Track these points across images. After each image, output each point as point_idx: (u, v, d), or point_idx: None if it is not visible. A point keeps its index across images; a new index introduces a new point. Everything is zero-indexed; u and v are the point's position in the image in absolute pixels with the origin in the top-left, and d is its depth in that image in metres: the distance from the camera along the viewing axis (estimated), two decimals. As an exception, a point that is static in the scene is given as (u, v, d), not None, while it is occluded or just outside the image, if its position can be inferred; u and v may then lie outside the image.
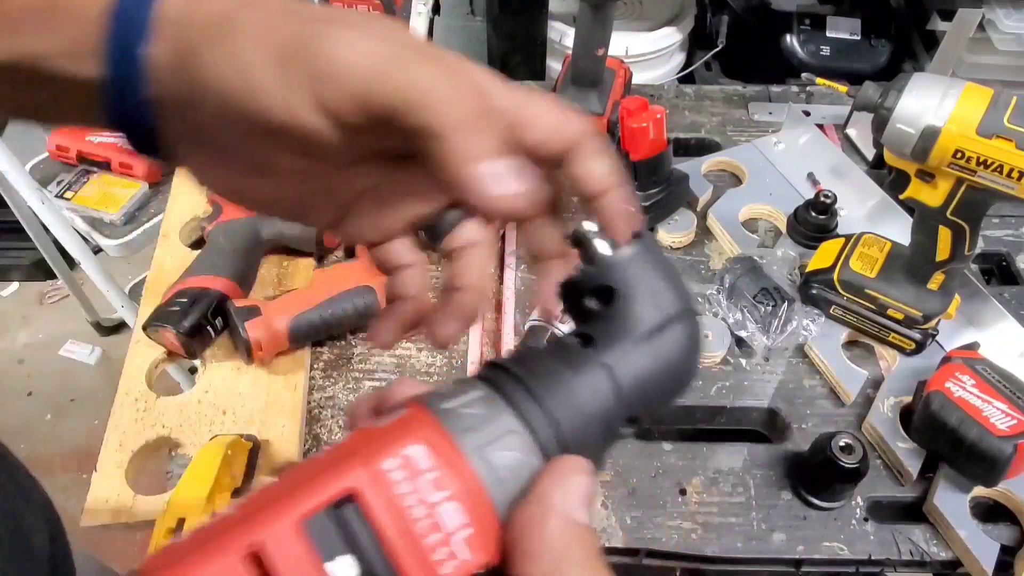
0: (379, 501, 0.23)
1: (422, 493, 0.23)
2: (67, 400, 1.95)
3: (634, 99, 0.87)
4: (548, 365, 0.27)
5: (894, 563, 0.72)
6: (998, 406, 0.69)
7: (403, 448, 0.24)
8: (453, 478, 0.24)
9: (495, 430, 0.25)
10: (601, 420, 0.27)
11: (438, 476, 0.24)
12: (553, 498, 0.24)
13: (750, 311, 0.84)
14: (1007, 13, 1.23)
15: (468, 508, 0.24)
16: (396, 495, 0.23)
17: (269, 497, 0.24)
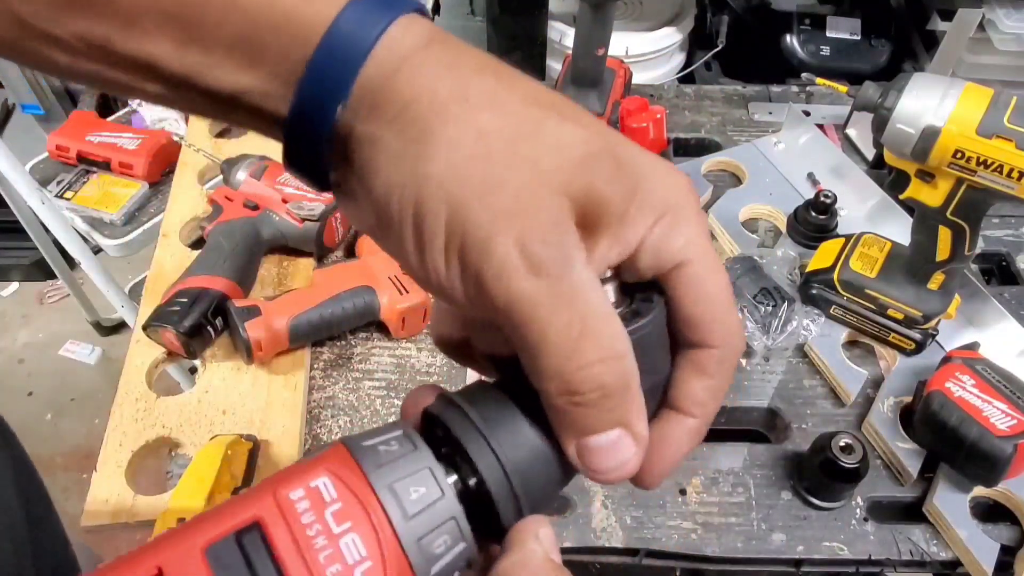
0: (281, 530, 0.23)
1: (325, 524, 0.23)
2: (67, 400, 1.95)
3: (634, 99, 0.87)
4: (501, 405, 0.26)
5: (894, 563, 0.72)
6: (998, 406, 0.69)
7: (310, 480, 0.24)
8: (357, 511, 0.23)
9: (409, 466, 0.24)
10: (548, 463, 0.26)
11: (341, 508, 0.23)
12: (530, 543, 0.25)
13: (750, 311, 0.84)
14: (1007, 13, 1.23)
15: (370, 541, 0.23)
16: (299, 525, 0.23)
17: (186, 524, 0.24)
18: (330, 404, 0.82)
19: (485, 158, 0.24)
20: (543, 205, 0.24)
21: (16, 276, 2.16)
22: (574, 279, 0.24)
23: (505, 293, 0.23)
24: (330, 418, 0.80)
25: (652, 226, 0.26)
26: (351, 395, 0.82)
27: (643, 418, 0.26)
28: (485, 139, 0.24)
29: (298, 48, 0.25)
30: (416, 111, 0.24)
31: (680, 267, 0.26)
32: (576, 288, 0.24)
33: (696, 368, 0.27)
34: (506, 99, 0.25)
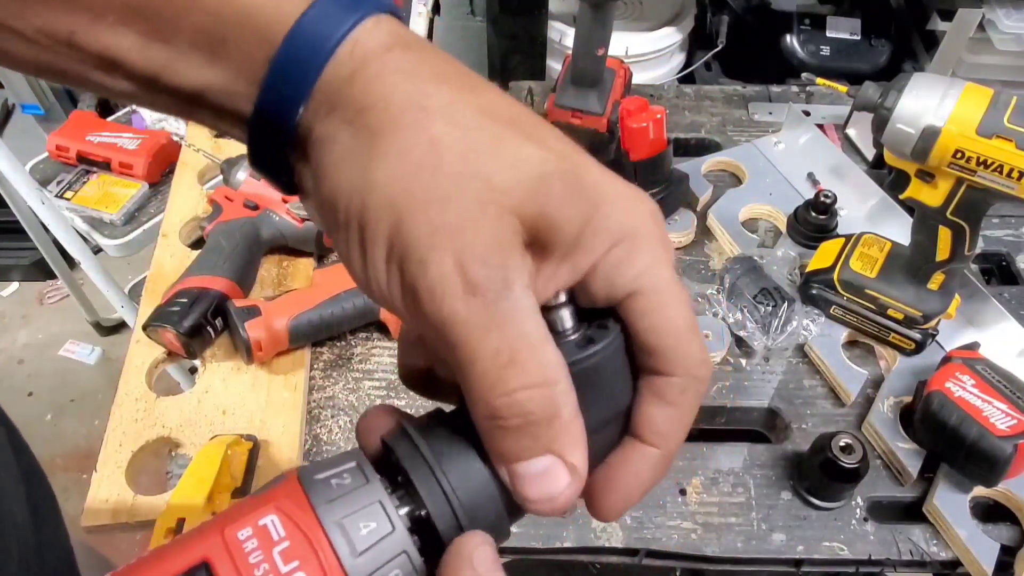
0: (228, 571, 0.23)
1: (273, 564, 0.23)
2: (67, 400, 1.95)
3: (634, 99, 0.87)
4: (453, 436, 0.26)
5: (894, 563, 0.72)
6: (998, 406, 0.69)
7: (259, 518, 0.24)
8: (305, 550, 0.23)
9: (360, 501, 0.24)
10: (496, 496, 0.25)
11: (289, 547, 0.23)
12: (464, 572, 0.24)
13: (750, 311, 0.84)
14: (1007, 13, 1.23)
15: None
16: (247, 565, 0.23)
17: (133, 564, 0.24)
18: (330, 404, 0.82)
19: (434, 169, 0.23)
20: (488, 224, 0.23)
21: (16, 276, 2.16)
22: (510, 303, 0.23)
23: (438, 312, 0.23)
24: (330, 418, 0.80)
25: (606, 252, 0.25)
26: (351, 395, 0.82)
27: (578, 448, 0.24)
28: (437, 150, 0.23)
29: (262, 46, 0.25)
30: (372, 116, 0.24)
31: (634, 296, 0.25)
32: (510, 312, 0.23)
33: (657, 396, 0.26)
34: (464, 110, 0.24)
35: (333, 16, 0.24)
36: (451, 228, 0.23)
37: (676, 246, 0.96)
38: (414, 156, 0.23)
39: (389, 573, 0.24)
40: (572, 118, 1.01)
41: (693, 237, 0.96)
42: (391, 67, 0.24)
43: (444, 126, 0.24)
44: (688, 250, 0.96)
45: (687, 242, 0.96)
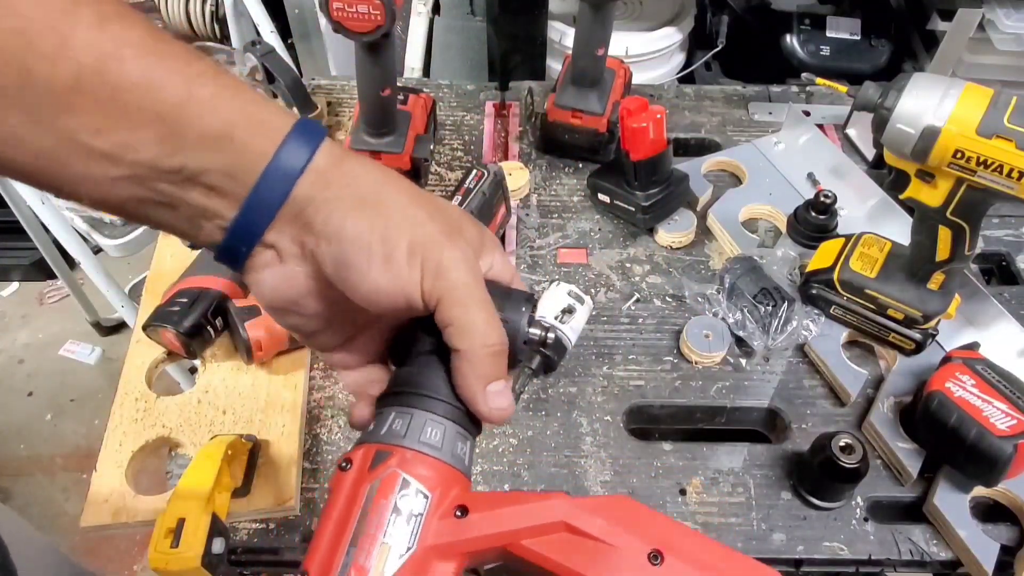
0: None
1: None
2: (67, 400, 1.95)
3: (634, 99, 0.87)
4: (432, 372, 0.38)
5: (894, 563, 0.72)
6: (998, 406, 0.69)
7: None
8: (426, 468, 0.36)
9: (420, 423, 0.37)
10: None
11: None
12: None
13: (750, 311, 0.84)
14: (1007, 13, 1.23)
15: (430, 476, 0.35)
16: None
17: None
18: (330, 404, 0.82)
19: (421, 206, 0.37)
20: (460, 234, 0.38)
21: (16, 276, 2.16)
22: (481, 279, 0.38)
23: (455, 279, 0.36)
24: (330, 418, 0.80)
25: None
26: (351, 395, 0.82)
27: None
28: (414, 196, 0.38)
29: (263, 143, 0.35)
30: (364, 181, 0.36)
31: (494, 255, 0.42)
32: (483, 284, 0.37)
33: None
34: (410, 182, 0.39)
35: (315, 130, 0.36)
36: (447, 234, 0.37)
37: (676, 246, 0.96)
38: (404, 198, 0.37)
39: (458, 446, 0.37)
40: (572, 118, 1.01)
41: (693, 237, 0.96)
42: (359, 159, 0.37)
43: (407, 184, 0.38)
44: (688, 250, 0.96)
45: (687, 242, 0.96)
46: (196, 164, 0.34)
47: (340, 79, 1.20)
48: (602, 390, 0.83)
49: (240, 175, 0.34)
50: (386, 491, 0.34)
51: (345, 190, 0.36)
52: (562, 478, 0.76)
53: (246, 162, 0.34)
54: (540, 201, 1.02)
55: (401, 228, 0.36)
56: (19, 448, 1.84)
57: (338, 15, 0.77)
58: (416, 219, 0.36)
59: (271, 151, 0.34)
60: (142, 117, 0.32)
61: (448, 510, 0.35)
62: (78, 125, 0.31)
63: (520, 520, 0.34)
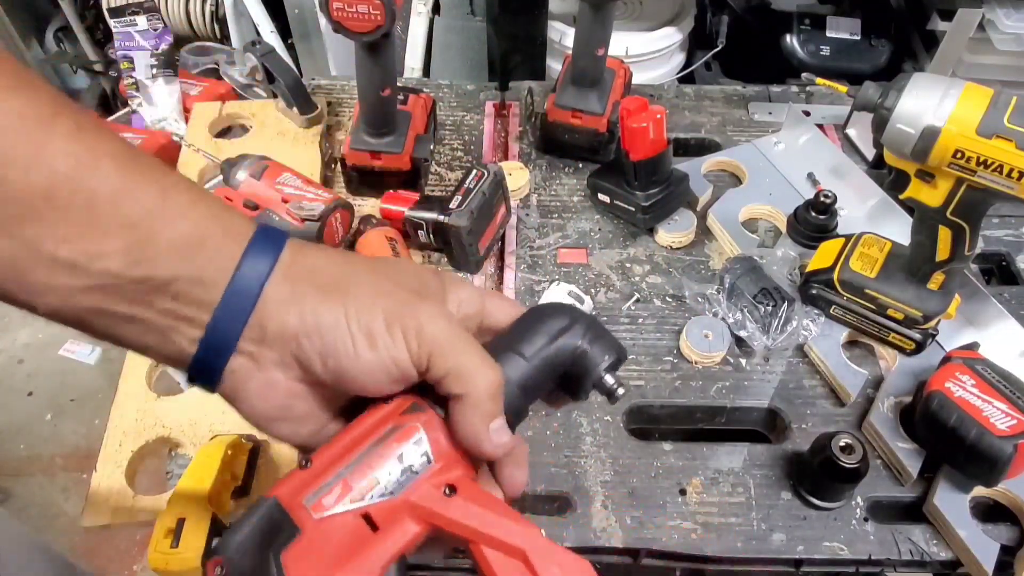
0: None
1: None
2: (67, 400, 1.95)
3: (634, 99, 0.87)
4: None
5: (894, 563, 0.72)
6: (998, 406, 0.69)
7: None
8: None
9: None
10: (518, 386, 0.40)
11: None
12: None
13: (750, 311, 0.84)
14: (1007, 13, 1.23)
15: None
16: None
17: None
18: (330, 404, 0.81)
19: (382, 280, 0.39)
20: (426, 293, 0.40)
21: (16, 276, 2.15)
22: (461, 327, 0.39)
23: (437, 332, 0.37)
24: (330, 418, 0.80)
25: (459, 293, 0.42)
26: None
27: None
28: (374, 271, 0.39)
29: (231, 247, 0.35)
30: (325, 271, 0.37)
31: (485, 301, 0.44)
32: (464, 331, 0.39)
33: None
34: (365, 256, 0.39)
35: (277, 234, 0.37)
36: (416, 296, 0.39)
37: (676, 246, 0.96)
38: (365, 277, 0.39)
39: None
40: (572, 118, 1.01)
41: (693, 237, 0.96)
42: (314, 250, 0.38)
43: (363, 262, 0.40)
44: (688, 250, 0.96)
45: (687, 242, 0.96)
46: (165, 273, 0.33)
47: (340, 79, 1.20)
48: (602, 390, 0.83)
49: (210, 281, 0.34)
50: (401, 438, 0.37)
51: (311, 283, 0.36)
52: (562, 478, 0.76)
53: (216, 267, 0.34)
54: (540, 201, 1.02)
55: (373, 305, 0.37)
56: (19, 448, 1.84)
57: (338, 15, 0.77)
58: (382, 291, 0.37)
59: (239, 254, 0.35)
60: (113, 225, 0.32)
61: (441, 483, 0.37)
62: (44, 233, 0.31)
63: (491, 528, 0.35)
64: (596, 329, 0.42)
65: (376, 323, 0.36)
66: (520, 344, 0.41)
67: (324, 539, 0.35)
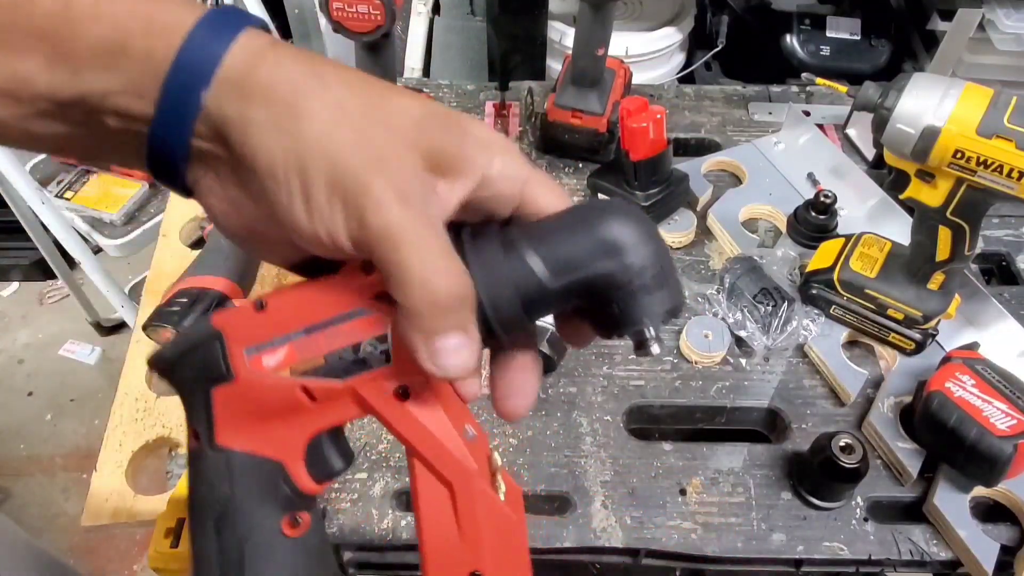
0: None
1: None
2: (67, 400, 1.95)
3: (634, 99, 0.87)
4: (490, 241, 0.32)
5: (894, 563, 0.72)
6: (998, 406, 0.69)
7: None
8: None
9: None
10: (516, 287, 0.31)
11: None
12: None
13: (750, 311, 0.84)
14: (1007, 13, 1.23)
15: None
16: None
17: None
18: (330, 404, 0.81)
19: (349, 123, 0.29)
20: (401, 155, 0.30)
21: (16, 276, 2.16)
22: (432, 212, 0.30)
23: (383, 221, 0.29)
24: (330, 418, 0.80)
25: (490, 161, 0.31)
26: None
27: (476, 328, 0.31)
28: (344, 108, 0.30)
29: (161, 48, 0.29)
30: (281, 92, 0.29)
31: (527, 183, 0.33)
32: (434, 219, 0.30)
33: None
34: (352, 79, 0.31)
35: (222, 25, 0.30)
36: (378, 160, 0.29)
37: (676, 246, 0.96)
38: (329, 116, 0.29)
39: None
40: (572, 118, 1.01)
41: (693, 237, 0.96)
42: (284, 55, 0.30)
43: (342, 91, 0.30)
44: (688, 250, 0.96)
45: (687, 242, 0.96)
46: (97, 87, 0.29)
47: (340, 79, 1.20)
48: (602, 390, 0.83)
49: (146, 92, 0.29)
50: (365, 329, 0.32)
51: (262, 100, 0.29)
52: (562, 478, 0.76)
53: (148, 75, 0.29)
54: (540, 201, 1.02)
55: (320, 156, 0.29)
56: (19, 448, 1.84)
57: (338, 15, 0.77)
58: (340, 142, 0.29)
59: (172, 56, 0.29)
60: (23, 39, 0.28)
61: (395, 383, 0.32)
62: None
63: (429, 448, 0.33)
64: (661, 268, 0.32)
65: (315, 184, 0.29)
66: (545, 248, 0.31)
67: (257, 393, 0.33)
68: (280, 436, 0.34)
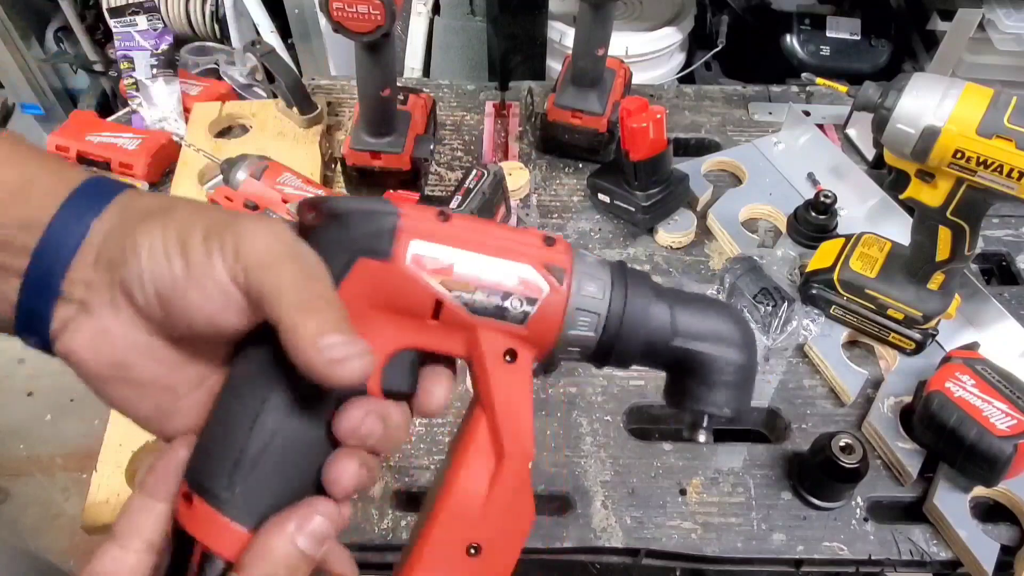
0: None
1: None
2: (67, 400, 1.94)
3: (634, 99, 0.87)
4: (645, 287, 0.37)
5: (894, 563, 0.72)
6: (998, 406, 0.69)
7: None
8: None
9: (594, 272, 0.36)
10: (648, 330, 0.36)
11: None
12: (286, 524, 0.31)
13: (750, 311, 0.84)
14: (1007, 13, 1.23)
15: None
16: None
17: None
18: (330, 404, 0.81)
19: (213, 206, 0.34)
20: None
21: (16, 276, 2.15)
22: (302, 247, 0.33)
23: (258, 246, 0.31)
24: (330, 418, 0.80)
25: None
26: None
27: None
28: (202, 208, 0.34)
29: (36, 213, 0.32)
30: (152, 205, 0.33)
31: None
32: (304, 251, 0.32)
33: None
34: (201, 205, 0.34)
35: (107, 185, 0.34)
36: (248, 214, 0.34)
37: (676, 246, 0.96)
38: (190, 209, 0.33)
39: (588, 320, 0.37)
40: (572, 118, 1.01)
41: (693, 237, 0.96)
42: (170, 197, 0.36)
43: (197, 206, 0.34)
44: (688, 250, 0.96)
45: (687, 242, 0.96)
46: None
47: (340, 79, 1.20)
48: (602, 390, 0.83)
49: (35, 223, 0.32)
50: (525, 285, 0.34)
51: (141, 215, 0.32)
52: (562, 478, 0.76)
53: (41, 208, 0.32)
54: (540, 201, 1.02)
55: (193, 220, 0.32)
56: (19, 448, 1.84)
57: (338, 15, 0.77)
58: (209, 210, 0.33)
59: (66, 194, 0.32)
60: None
61: (508, 344, 0.35)
62: None
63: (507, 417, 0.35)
64: (747, 378, 0.38)
65: (192, 237, 0.31)
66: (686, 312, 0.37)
67: (397, 284, 0.33)
68: (382, 330, 0.34)
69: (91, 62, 1.87)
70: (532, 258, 0.34)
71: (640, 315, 0.36)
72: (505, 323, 0.34)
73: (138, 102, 1.17)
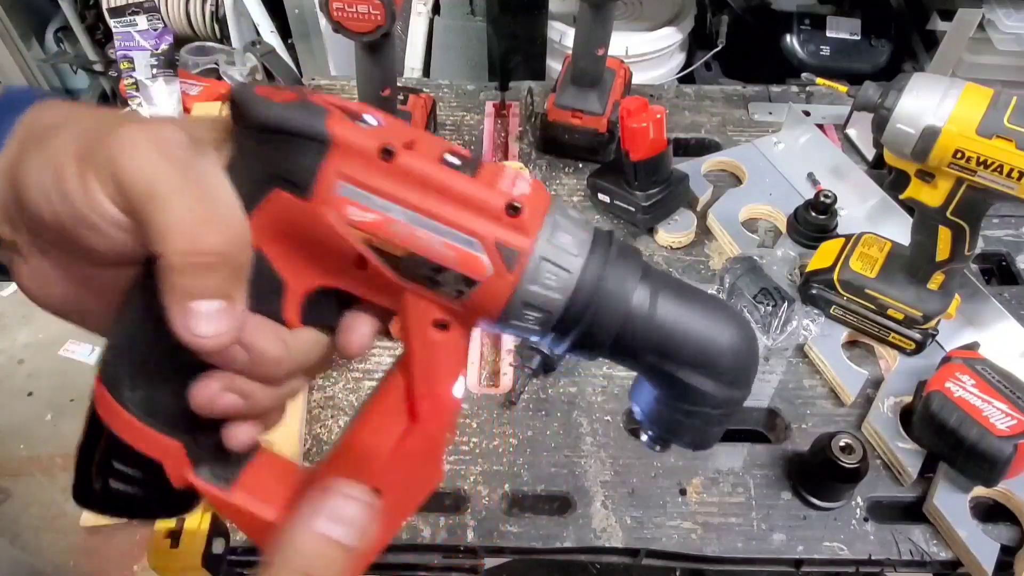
0: None
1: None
2: (67, 400, 1.94)
3: (634, 99, 0.87)
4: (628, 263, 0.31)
5: (894, 563, 0.72)
6: (998, 406, 0.69)
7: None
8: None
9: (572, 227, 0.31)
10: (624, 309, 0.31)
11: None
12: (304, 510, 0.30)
13: (750, 311, 0.84)
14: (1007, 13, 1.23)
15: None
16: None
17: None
18: (330, 404, 0.82)
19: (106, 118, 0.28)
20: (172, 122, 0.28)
21: (16, 276, 2.15)
22: (202, 167, 0.27)
23: (137, 165, 0.26)
24: (330, 418, 0.80)
25: None
26: (351, 395, 0.82)
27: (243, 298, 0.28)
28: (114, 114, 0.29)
29: None
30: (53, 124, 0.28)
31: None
32: (201, 165, 0.27)
33: None
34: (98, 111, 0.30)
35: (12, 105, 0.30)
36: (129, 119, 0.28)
37: (676, 246, 0.96)
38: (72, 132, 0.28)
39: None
40: (572, 118, 1.01)
41: (693, 237, 0.96)
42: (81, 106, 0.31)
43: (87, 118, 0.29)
44: (688, 250, 0.96)
45: (687, 242, 0.96)
46: None
47: (340, 79, 1.20)
48: (602, 390, 0.83)
49: None
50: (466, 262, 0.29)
51: (33, 139, 0.28)
52: (562, 478, 0.76)
53: None
54: (540, 201, 1.02)
55: (67, 146, 0.27)
56: (19, 448, 1.84)
57: (338, 15, 0.77)
58: (88, 122, 0.28)
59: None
60: None
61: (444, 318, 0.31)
62: None
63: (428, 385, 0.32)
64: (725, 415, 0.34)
65: (67, 168, 0.27)
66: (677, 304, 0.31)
67: (312, 226, 0.29)
68: (302, 267, 0.30)
69: (91, 62, 1.87)
70: (484, 230, 0.29)
71: (620, 289, 0.30)
72: (437, 295, 0.30)
73: (138, 102, 1.17)
